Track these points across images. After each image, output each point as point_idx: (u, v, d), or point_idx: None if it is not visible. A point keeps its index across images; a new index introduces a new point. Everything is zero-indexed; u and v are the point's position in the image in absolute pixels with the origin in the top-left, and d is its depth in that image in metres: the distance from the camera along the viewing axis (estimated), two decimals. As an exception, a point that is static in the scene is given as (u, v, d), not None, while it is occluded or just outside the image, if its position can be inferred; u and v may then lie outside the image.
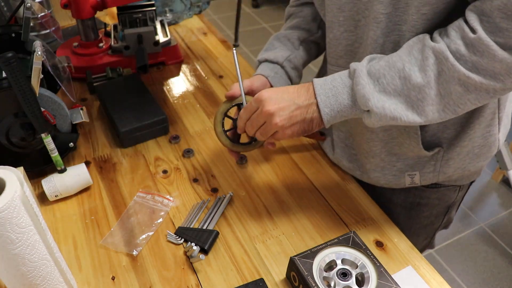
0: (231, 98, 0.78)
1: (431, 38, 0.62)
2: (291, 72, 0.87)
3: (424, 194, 0.87)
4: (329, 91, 0.66)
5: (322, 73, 0.92)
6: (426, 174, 0.81)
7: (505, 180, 2.24)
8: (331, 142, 0.92)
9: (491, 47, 0.56)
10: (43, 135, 0.78)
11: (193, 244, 0.74)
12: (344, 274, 0.65)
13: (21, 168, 0.77)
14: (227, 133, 0.79)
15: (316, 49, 0.92)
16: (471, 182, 0.90)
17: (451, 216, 0.98)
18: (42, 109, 0.80)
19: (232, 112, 0.80)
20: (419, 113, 0.62)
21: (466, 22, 0.59)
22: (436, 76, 0.60)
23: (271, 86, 0.83)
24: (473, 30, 0.57)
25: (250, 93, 0.79)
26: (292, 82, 0.88)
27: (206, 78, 1.19)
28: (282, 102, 0.67)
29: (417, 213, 0.91)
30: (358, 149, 0.86)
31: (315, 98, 0.67)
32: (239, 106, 0.78)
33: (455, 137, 0.77)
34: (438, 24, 0.64)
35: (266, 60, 0.87)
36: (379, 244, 0.78)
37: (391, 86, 0.62)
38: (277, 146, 0.97)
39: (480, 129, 0.76)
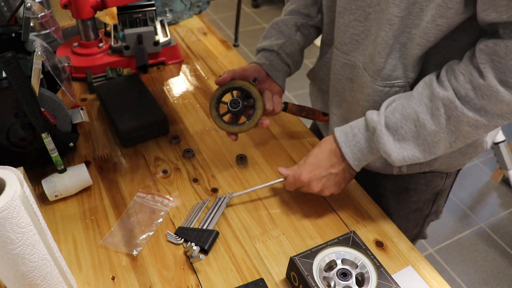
0: (221, 85, 0.83)
1: (438, 79, 0.67)
2: (287, 58, 0.91)
3: (412, 180, 0.92)
4: (355, 148, 0.74)
5: (323, 55, 0.94)
6: (413, 166, 0.86)
7: (505, 180, 2.24)
8: (328, 125, 0.97)
9: (499, 93, 0.60)
10: (43, 135, 0.78)
11: (193, 244, 0.74)
12: (344, 274, 0.65)
13: (21, 168, 0.77)
14: (223, 117, 0.84)
15: (316, 33, 0.96)
16: (458, 171, 0.95)
17: (440, 205, 1.01)
18: (42, 109, 0.80)
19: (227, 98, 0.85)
20: (436, 152, 0.70)
21: (473, 63, 0.63)
22: (447, 121, 0.66)
23: (266, 74, 0.88)
24: (481, 75, 0.61)
25: (243, 78, 0.84)
26: (290, 68, 0.93)
27: (206, 78, 1.19)
28: (322, 179, 0.77)
29: (405, 198, 0.96)
30: None
31: (345, 159, 0.75)
32: (231, 90, 0.84)
33: None
34: (448, 35, 0.67)
35: (263, 49, 0.92)
36: (379, 244, 0.78)
37: (409, 135, 0.69)
38: (277, 146, 0.97)
39: None
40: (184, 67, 1.24)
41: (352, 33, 0.77)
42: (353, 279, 0.65)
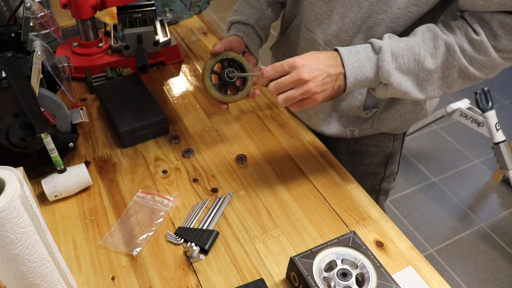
0: (215, 55, 0.86)
1: (439, 28, 0.73)
2: (261, 32, 0.97)
3: (363, 141, 1.01)
4: (355, 62, 0.73)
5: (284, 30, 1.03)
6: (364, 130, 0.96)
7: (505, 180, 2.24)
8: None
9: (488, 49, 0.71)
10: (43, 135, 0.78)
11: (193, 244, 0.74)
12: (344, 274, 0.65)
13: (21, 168, 0.77)
14: (215, 86, 0.86)
15: (281, 9, 1.03)
16: (404, 134, 1.04)
17: (393, 171, 1.09)
18: (42, 109, 0.80)
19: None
20: (422, 91, 0.75)
21: (468, 22, 0.72)
22: (442, 63, 0.73)
23: (246, 46, 0.92)
24: (476, 32, 0.71)
25: (230, 49, 0.88)
26: (261, 41, 0.98)
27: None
28: (316, 71, 0.72)
29: (359, 160, 1.05)
30: (310, 108, 0.95)
31: (343, 67, 0.73)
32: (223, 62, 0.87)
33: (390, 101, 0.92)
34: (416, 21, 0.77)
35: (238, 22, 0.96)
36: (379, 244, 0.78)
37: (405, 66, 0.72)
38: (277, 146, 0.97)
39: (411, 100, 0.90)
40: (184, 67, 1.23)
41: (317, 12, 0.85)
42: (353, 279, 0.65)
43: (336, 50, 0.74)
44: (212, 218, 0.80)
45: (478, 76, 0.74)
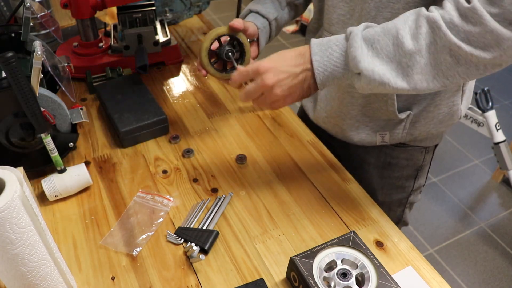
0: (233, 30, 0.84)
1: (427, 10, 0.64)
2: (274, 31, 0.95)
3: (394, 154, 0.96)
4: (324, 52, 0.68)
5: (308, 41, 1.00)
6: (396, 134, 0.90)
7: (505, 180, 2.24)
8: (314, 102, 1.00)
9: (484, 17, 0.57)
10: (42, 135, 0.78)
11: (193, 244, 0.74)
12: (344, 274, 0.65)
13: (21, 168, 0.77)
14: (214, 65, 0.86)
15: (296, 13, 1.00)
16: (435, 146, 1.00)
17: (421, 184, 1.05)
18: (42, 109, 0.80)
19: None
20: (408, 81, 0.64)
21: None
22: (428, 45, 0.62)
23: (257, 37, 0.90)
24: (468, 0, 0.59)
25: (243, 31, 0.85)
26: (270, 39, 0.96)
27: (206, 78, 1.19)
28: (281, 74, 0.69)
29: (388, 173, 1.00)
30: (335, 112, 0.94)
31: (311, 62, 0.68)
32: (219, 39, 0.86)
33: (424, 103, 0.86)
34: (430, 3, 0.68)
35: (258, 12, 0.92)
36: (379, 244, 0.78)
37: (384, 51, 0.64)
38: (277, 146, 0.97)
39: (446, 98, 0.85)
40: (184, 67, 1.23)
41: (339, 13, 0.81)
42: (353, 279, 0.65)
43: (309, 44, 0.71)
44: (212, 218, 0.80)
45: (481, 58, 0.60)
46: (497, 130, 2.06)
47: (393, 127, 0.90)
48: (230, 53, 0.84)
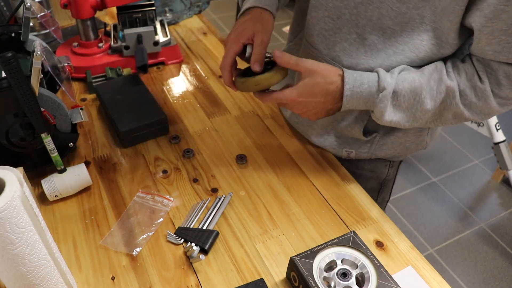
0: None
1: (446, 69, 0.74)
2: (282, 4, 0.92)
3: (359, 164, 0.98)
4: (354, 94, 0.75)
5: (289, 41, 1.01)
6: (361, 154, 0.94)
7: (505, 180, 2.24)
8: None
9: (489, 97, 0.72)
10: (42, 135, 0.78)
11: (193, 244, 0.74)
12: (344, 274, 0.65)
13: (21, 168, 0.77)
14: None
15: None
16: (400, 162, 1.04)
17: (385, 198, 1.09)
18: (42, 109, 0.80)
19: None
20: (413, 125, 0.78)
21: (475, 67, 0.73)
22: (440, 105, 0.75)
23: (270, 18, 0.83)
24: (480, 80, 0.72)
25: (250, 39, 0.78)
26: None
27: (206, 78, 1.19)
28: (309, 106, 0.77)
29: None
30: (306, 120, 0.95)
31: (341, 101, 0.76)
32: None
33: (392, 128, 0.89)
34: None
35: None
36: (379, 244, 0.78)
37: (405, 104, 0.75)
38: (277, 146, 0.97)
39: (414, 129, 0.90)
40: (184, 67, 1.23)
41: (322, 27, 0.81)
42: (353, 279, 0.65)
43: (343, 75, 0.74)
44: (212, 218, 0.80)
45: (471, 119, 0.76)
46: (497, 130, 2.06)
47: (359, 146, 0.92)
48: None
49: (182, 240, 0.76)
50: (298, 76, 0.78)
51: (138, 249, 0.75)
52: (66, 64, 0.91)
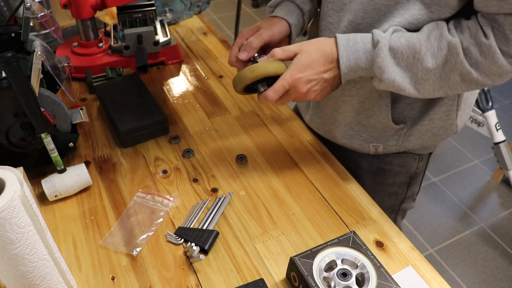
0: (247, 58, 0.80)
1: (447, 26, 0.70)
2: (307, 22, 0.91)
3: (387, 160, 0.96)
4: (351, 54, 0.73)
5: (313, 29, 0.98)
6: (389, 147, 0.91)
7: (505, 180, 2.24)
8: (307, 107, 1.00)
9: (496, 54, 0.67)
10: (42, 135, 0.78)
11: (193, 244, 0.74)
12: (344, 274, 0.65)
13: (21, 168, 0.77)
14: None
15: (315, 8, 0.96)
16: (430, 154, 1.00)
17: (414, 191, 1.05)
18: (42, 109, 0.80)
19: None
20: (419, 90, 0.73)
21: (479, 23, 0.68)
22: (443, 64, 0.70)
23: (290, 34, 0.86)
24: (485, 35, 0.67)
25: (270, 43, 0.82)
26: (301, 31, 0.91)
27: (206, 78, 1.19)
28: (312, 81, 0.74)
29: (382, 179, 1.00)
30: (328, 119, 0.94)
31: (338, 65, 0.74)
32: (260, 83, 0.76)
33: (418, 116, 0.87)
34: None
35: (293, 1, 0.87)
36: (379, 244, 0.78)
37: (404, 62, 0.71)
38: (277, 146, 0.97)
39: (440, 112, 0.86)
40: (184, 67, 1.23)
41: (327, 21, 0.82)
42: (353, 279, 0.65)
43: (335, 38, 0.74)
44: (212, 218, 0.80)
45: (483, 82, 0.70)
46: (497, 130, 2.06)
47: (387, 139, 0.90)
48: (266, 88, 0.76)
49: (182, 240, 0.76)
50: None
51: (138, 249, 0.75)
52: (66, 64, 0.91)
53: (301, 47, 0.75)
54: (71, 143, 0.86)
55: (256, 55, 0.81)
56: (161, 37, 1.20)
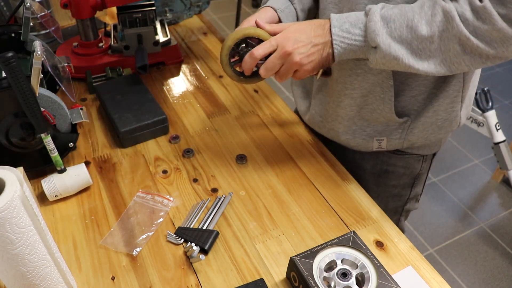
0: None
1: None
2: (300, 13, 0.88)
3: (390, 161, 0.95)
4: (343, 25, 0.71)
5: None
6: (393, 140, 0.89)
7: (505, 180, 2.24)
8: (308, 106, 0.99)
9: (493, 16, 0.63)
10: (42, 135, 0.78)
11: (193, 244, 0.74)
12: (344, 274, 0.65)
13: (21, 168, 0.77)
14: (234, 66, 0.80)
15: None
16: (433, 154, 0.99)
17: (418, 192, 1.05)
18: (42, 109, 0.80)
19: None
20: (418, 62, 0.70)
21: None
22: (440, 32, 0.67)
23: (279, 20, 0.84)
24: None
25: (259, 26, 0.80)
26: (298, 18, 0.89)
27: (206, 78, 1.19)
28: (300, 42, 0.72)
29: (385, 181, 0.99)
30: (330, 116, 0.92)
31: (330, 34, 0.72)
32: (246, 40, 0.77)
33: (422, 109, 0.85)
34: None
35: None
36: (379, 244, 0.78)
37: (397, 32, 0.68)
38: (277, 146, 0.97)
39: (444, 104, 0.84)
40: (184, 67, 1.23)
41: (328, 16, 0.80)
42: (353, 279, 0.65)
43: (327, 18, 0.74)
44: (212, 218, 0.80)
45: (485, 51, 0.66)
46: (497, 130, 2.06)
47: (390, 133, 0.89)
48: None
49: (182, 240, 0.76)
50: None
51: (138, 249, 0.75)
52: (66, 64, 0.91)
53: (290, 24, 0.75)
54: (71, 143, 0.86)
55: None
56: (161, 37, 1.20)
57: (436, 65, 0.70)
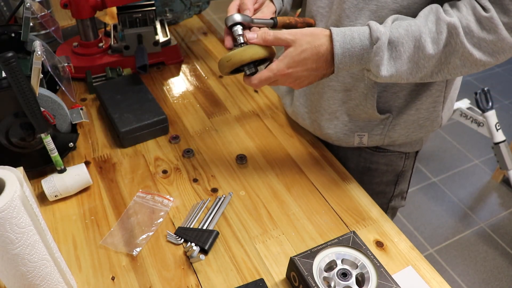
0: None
1: (442, 8, 0.68)
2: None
3: (373, 159, 0.96)
4: (347, 52, 0.69)
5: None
6: (374, 136, 0.90)
7: (505, 180, 2.24)
8: (291, 97, 0.99)
9: (498, 26, 0.63)
10: (42, 135, 0.78)
11: (193, 244, 0.74)
12: (344, 274, 0.65)
13: (21, 168, 0.77)
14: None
15: None
16: (416, 152, 0.99)
17: (403, 190, 1.05)
18: (42, 109, 0.80)
19: None
20: (418, 76, 0.70)
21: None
22: (444, 47, 0.67)
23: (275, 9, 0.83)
24: (485, 9, 0.64)
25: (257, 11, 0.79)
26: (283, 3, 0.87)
27: (206, 78, 1.19)
28: (300, 78, 0.72)
29: (369, 178, 0.99)
30: (315, 107, 0.92)
31: (333, 63, 0.71)
32: (249, 66, 0.74)
33: (404, 106, 0.86)
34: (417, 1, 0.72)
35: None
36: (379, 244, 0.78)
37: (406, 53, 0.68)
38: (277, 146, 0.97)
39: (427, 103, 0.85)
40: (184, 67, 1.23)
41: (318, 5, 0.82)
42: (353, 279, 0.65)
43: (331, 34, 0.70)
44: (212, 218, 0.80)
45: (487, 62, 0.67)
46: (497, 130, 2.06)
47: (372, 129, 0.89)
48: (254, 71, 0.75)
49: (182, 240, 0.76)
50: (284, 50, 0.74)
51: (138, 249, 0.75)
52: (66, 64, 0.91)
53: (295, 38, 0.71)
54: (71, 143, 0.86)
55: (242, 41, 0.74)
56: (161, 37, 1.20)
57: (433, 75, 0.71)
